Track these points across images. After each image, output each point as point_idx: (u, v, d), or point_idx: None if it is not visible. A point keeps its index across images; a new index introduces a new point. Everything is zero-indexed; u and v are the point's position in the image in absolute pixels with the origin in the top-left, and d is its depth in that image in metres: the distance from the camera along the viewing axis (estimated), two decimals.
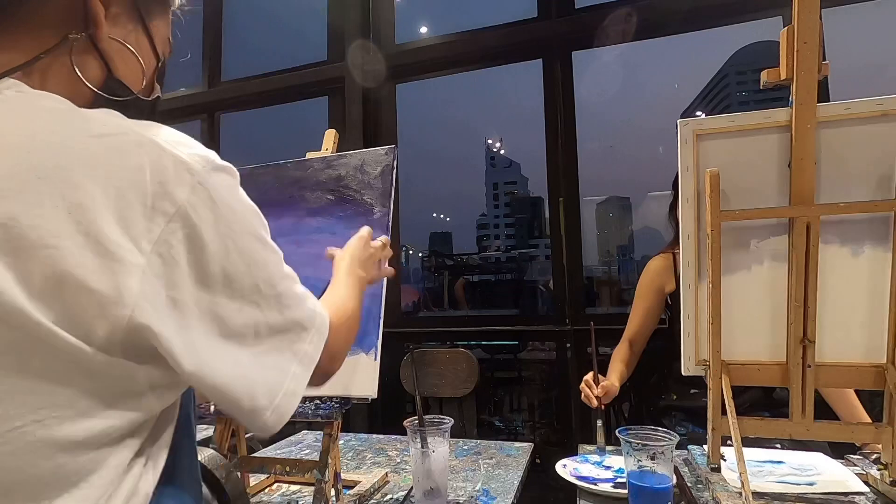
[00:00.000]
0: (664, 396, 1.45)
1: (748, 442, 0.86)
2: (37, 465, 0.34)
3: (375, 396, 0.81)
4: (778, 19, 1.84)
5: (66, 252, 0.32)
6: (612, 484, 0.91)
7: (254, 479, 0.97)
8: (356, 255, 0.71)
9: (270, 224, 0.44)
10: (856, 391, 1.17)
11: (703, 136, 0.92)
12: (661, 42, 2.23)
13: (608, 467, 1.00)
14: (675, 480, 0.88)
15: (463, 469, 1.05)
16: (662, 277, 1.46)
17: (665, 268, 1.46)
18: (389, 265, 0.82)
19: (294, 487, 0.98)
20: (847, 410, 1.18)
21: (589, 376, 1.20)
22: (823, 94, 1.74)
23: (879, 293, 0.85)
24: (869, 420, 0.84)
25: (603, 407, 1.16)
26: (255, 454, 1.21)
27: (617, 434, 0.79)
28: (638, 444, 0.75)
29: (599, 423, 1.11)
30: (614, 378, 1.31)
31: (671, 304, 1.44)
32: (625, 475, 0.79)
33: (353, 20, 2.39)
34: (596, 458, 1.05)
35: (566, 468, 0.97)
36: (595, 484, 0.90)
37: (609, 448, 1.09)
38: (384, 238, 0.80)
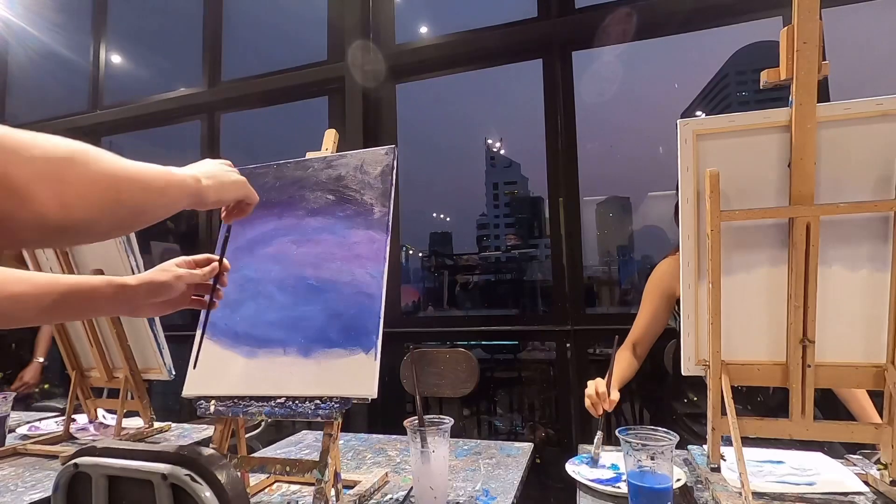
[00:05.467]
0: (686, 400, 1.42)
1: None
2: None
3: (375, 396, 0.81)
4: (778, 19, 1.84)
5: None
6: (623, 482, 0.91)
7: (254, 479, 0.97)
8: (211, 166, 0.65)
9: (271, 224, 0.43)
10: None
11: (703, 136, 0.92)
12: (661, 42, 2.23)
13: (601, 466, 1.01)
14: (681, 481, 0.88)
15: (463, 469, 1.05)
16: (670, 280, 1.41)
17: (673, 269, 1.41)
18: (388, 268, 0.81)
19: (294, 487, 0.98)
20: (858, 411, 1.18)
21: (602, 387, 1.14)
22: (823, 94, 1.74)
23: (879, 293, 0.85)
24: (879, 420, 0.84)
25: (602, 417, 1.14)
26: (255, 454, 1.21)
27: (617, 434, 0.78)
28: (638, 444, 0.75)
29: (600, 433, 1.09)
30: (615, 387, 1.24)
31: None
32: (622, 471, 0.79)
33: (353, 20, 2.39)
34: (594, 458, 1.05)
35: (575, 472, 0.97)
36: (617, 485, 0.90)
37: (605, 448, 1.09)
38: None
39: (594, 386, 1.15)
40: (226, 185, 0.65)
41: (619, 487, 0.89)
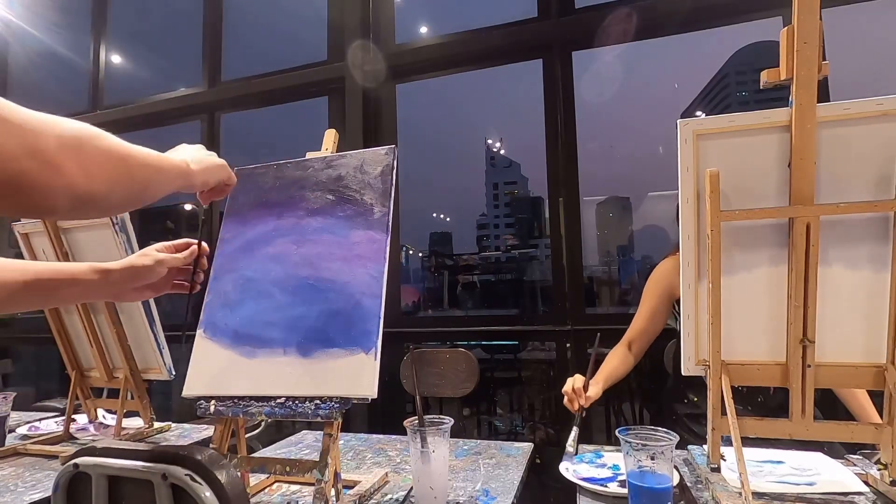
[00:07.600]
0: (686, 400, 1.42)
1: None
2: None
3: (375, 396, 0.81)
4: (778, 19, 1.84)
5: None
6: (616, 483, 0.91)
7: (254, 479, 0.97)
8: (195, 151, 0.69)
9: (270, 224, 0.44)
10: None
11: (703, 136, 0.92)
12: (661, 42, 2.24)
13: (602, 465, 1.01)
14: (676, 480, 0.88)
15: (463, 469, 1.05)
16: (671, 279, 1.41)
17: (673, 269, 1.41)
18: (388, 268, 0.81)
19: (294, 487, 0.98)
20: (858, 411, 1.18)
21: (579, 383, 1.19)
22: (823, 94, 1.74)
23: (879, 293, 0.85)
24: (879, 420, 0.84)
25: (583, 413, 1.16)
26: (255, 454, 1.21)
27: (617, 434, 0.79)
28: (638, 444, 0.75)
29: (575, 430, 1.10)
30: (600, 383, 1.26)
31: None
32: (621, 472, 0.79)
33: (353, 20, 2.39)
34: (593, 457, 1.05)
35: (569, 471, 0.97)
36: (605, 486, 0.90)
37: (605, 448, 1.09)
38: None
39: (572, 382, 1.20)
40: (210, 168, 0.68)
41: (607, 487, 0.89)
